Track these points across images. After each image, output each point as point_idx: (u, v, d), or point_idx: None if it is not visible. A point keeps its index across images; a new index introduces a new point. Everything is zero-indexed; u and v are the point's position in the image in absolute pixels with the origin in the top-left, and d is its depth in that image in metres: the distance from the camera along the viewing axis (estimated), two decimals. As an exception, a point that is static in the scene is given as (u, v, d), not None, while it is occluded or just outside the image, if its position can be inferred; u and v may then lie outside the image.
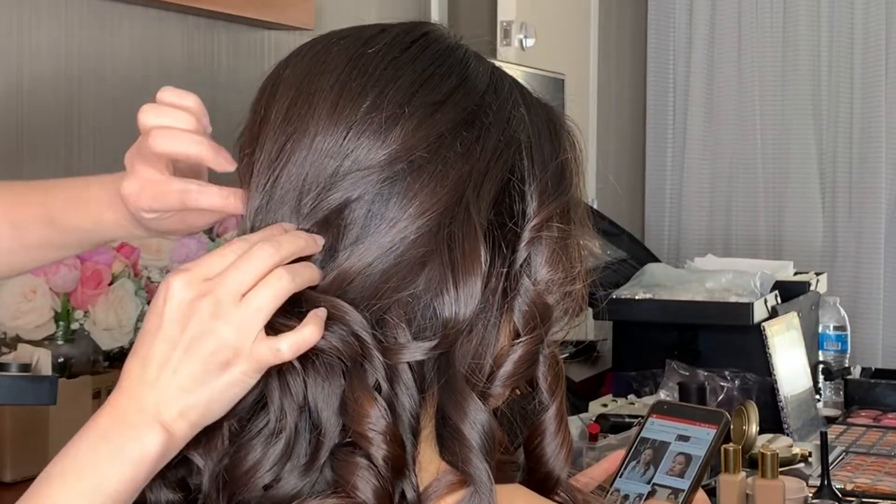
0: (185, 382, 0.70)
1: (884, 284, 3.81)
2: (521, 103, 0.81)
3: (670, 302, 2.43)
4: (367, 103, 0.75)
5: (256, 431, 0.73)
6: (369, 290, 0.74)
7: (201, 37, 2.22)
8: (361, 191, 0.75)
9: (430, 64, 0.78)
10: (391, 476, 0.72)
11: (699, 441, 1.04)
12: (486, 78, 0.80)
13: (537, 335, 0.78)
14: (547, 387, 0.80)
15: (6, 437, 1.59)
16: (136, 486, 0.71)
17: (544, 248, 0.79)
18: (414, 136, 0.75)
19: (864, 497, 1.85)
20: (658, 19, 4.07)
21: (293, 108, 0.77)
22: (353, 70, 0.77)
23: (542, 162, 0.80)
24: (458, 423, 0.74)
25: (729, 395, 2.28)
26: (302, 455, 0.73)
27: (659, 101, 4.08)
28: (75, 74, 1.95)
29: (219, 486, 0.74)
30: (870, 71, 3.80)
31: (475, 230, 0.75)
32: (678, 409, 1.09)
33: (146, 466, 0.70)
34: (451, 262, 0.75)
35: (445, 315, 0.75)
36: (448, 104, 0.77)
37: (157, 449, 0.70)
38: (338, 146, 0.75)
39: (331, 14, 2.49)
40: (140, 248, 1.86)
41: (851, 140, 3.85)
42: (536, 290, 0.78)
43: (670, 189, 4.08)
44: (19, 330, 1.65)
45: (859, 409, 2.47)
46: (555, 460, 0.80)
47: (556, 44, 3.17)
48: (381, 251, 0.74)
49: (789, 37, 3.92)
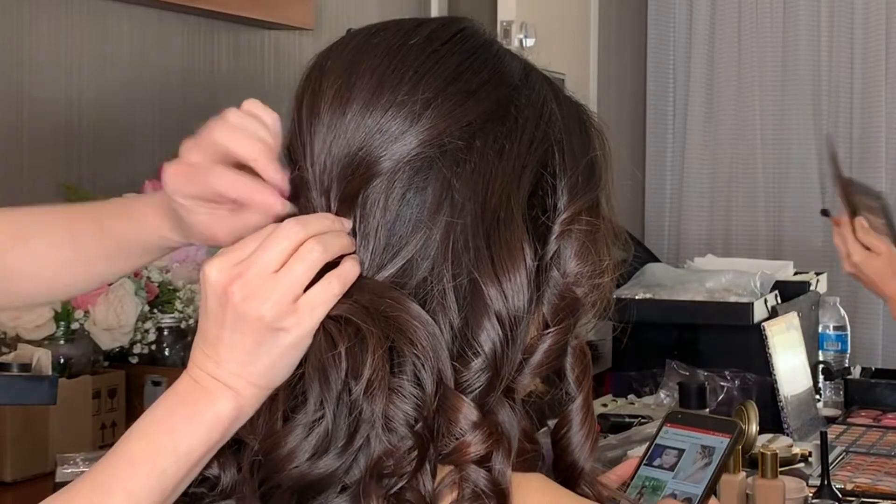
0: (243, 356, 0.74)
1: (884, 284, 3.80)
2: (553, 100, 0.83)
3: (670, 302, 2.43)
4: (404, 90, 0.77)
5: (297, 420, 0.75)
6: (407, 278, 0.76)
7: (201, 37, 2.22)
8: (391, 174, 0.77)
9: (466, 57, 0.80)
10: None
11: (713, 450, 1.04)
12: (519, 73, 0.82)
13: (566, 326, 0.80)
14: (574, 378, 0.82)
15: (6, 437, 1.59)
16: (210, 448, 0.74)
17: (574, 241, 0.80)
18: (444, 121, 0.77)
19: (864, 497, 1.85)
20: (658, 19, 4.07)
21: (337, 96, 0.79)
22: (393, 59, 0.79)
23: (573, 157, 0.82)
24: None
25: (729, 395, 2.28)
26: (340, 438, 0.75)
27: (659, 101, 4.08)
28: (75, 74, 1.95)
29: (254, 469, 0.76)
30: (870, 71, 3.80)
31: (516, 223, 0.77)
32: (692, 418, 1.10)
33: (220, 429, 0.74)
34: (492, 256, 0.76)
35: (496, 308, 0.76)
36: (480, 93, 0.79)
37: (229, 412, 0.74)
38: (373, 129, 0.77)
39: (331, 14, 2.49)
40: (140, 248, 1.86)
41: (851, 140, 3.85)
42: (566, 283, 0.80)
43: (670, 189, 4.08)
44: (19, 330, 1.65)
45: (859, 409, 2.47)
46: (580, 450, 0.82)
47: (556, 44, 3.17)
48: (418, 240, 0.76)
49: (789, 37, 3.92)
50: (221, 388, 0.74)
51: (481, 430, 0.75)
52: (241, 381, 0.74)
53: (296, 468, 0.75)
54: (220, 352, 0.74)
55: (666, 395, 2.32)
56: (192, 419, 0.74)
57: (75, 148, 1.95)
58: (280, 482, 0.75)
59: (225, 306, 0.73)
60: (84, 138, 1.97)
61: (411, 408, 0.74)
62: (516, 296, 0.76)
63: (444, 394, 0.75)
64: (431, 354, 0.74)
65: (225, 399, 0.74)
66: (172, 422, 0.74)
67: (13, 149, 1.85)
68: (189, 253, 1.96)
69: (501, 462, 0.75)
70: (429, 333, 0.75)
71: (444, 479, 0.76)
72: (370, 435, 0.74)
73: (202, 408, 0.74)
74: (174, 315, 1.86)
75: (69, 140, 1.95)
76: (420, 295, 0.76)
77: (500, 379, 0.76)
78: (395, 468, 0.74)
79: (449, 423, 0.75)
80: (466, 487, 0.75)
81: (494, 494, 0.75)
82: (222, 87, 2.24)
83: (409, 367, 0.74)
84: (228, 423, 0.74)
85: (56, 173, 1.89)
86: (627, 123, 3.99)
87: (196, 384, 0.74)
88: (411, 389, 0.74)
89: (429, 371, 0.74)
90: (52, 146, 1.92)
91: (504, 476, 0.75)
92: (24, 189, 1.84)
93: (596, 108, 0.88)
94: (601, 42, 3.60)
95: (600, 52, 3.59)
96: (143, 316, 1.81)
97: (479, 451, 0.75)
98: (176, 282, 1.89)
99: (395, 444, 0.73)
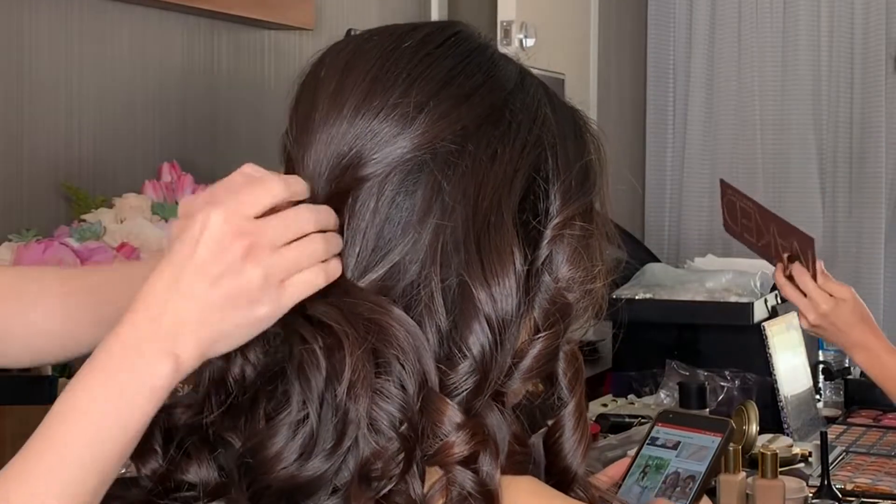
0: (206, 312, 0.72)
1: (884, 284, 3.80)
2: (548, 104, 0.83)
3: (670, 302, 2.43)
4: (396, 93, 0.78)
5: (281, 420, 0.75)
6: (393, 282, 0.76)
7: (201, 37, 2.22)
8: (383, 176, 0.77)
9: (460, 61, 0.80)
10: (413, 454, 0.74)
11: (705, 448, 1.04)
12: (514, 77, 0.82)
13: (556, 331, 0.80)
14: (566, 383, 0.82)
15: (6, 437, 1.59)
16: (148, 419, 0.73)
17: (566, 246, 0.80)
18: (437, 125, 0.77)
19: (864, 497, 1.85)
20: (658, 19, 4.07)
21: (330, 98, 0.79)
22: (386, 62, 0.79)
23: (567, 162, 0.82)
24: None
25: (729, 395, 2.28)
26: (328, 440, 0.74)
27: (659, 101, 4.08)
28: (75, 74, 1.95)
29: (241, 471, 0.76)
30: (870, 71, 3.80)
31: (506, 227, 0.77)
32: (683, 418, 1.10)
33: (157, 397, 0.72)
34: (482, 259, 0.76)
35: (486, 311, 0.76)
36: (475, 98, 0.79)
37: (166, 380, 0.72)
38: (365, 132, 0.77)
39: (331, 14, 2.48)
40: (140, 249, 1.86)
41: (851, 140, 3.84)
42: (557, 288, 0.80)
43: (670, 189, 4.08)
44: (19, 330, 1.65)
45: (859, 409, 2.47)
46: (573, 456, 0.82)
47: (556, 44, 3.17)
48: (406, 242, 0.76)
49: (789, 37, 3.92)
50: (160, 352, 0.71)
51: (465, 431, 0.74)
52: (187, 337, 0.72)
53: (283, 469, 0.74)
54: (184, 301, 0.72)
55: (666, 395, 2.32)
56: (125, 392, 0.71)
57: (75, 148, 1.95)
58: (269, 483, 0.75)
59: (219, 257, 0.72)
60: (84, 138, 1.97)
61: (395, 409, 0.73)
62: (505, 300, 0.76)
63: (427, 396, 0.75)
64: (413, 355, 0.74)
65: (163, 365, 0.71)
66: (105, 396, 0.71)
67: (13, 148, 1.85)
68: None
69: (489, 464, 0.75)
70: (409, 334, 0.74)
71: (434, 484, 0.75)
72: (358, 436, 0.74)
73: (140, 377, 0.71)
74: (174, 315, 1.85)
75: (69, 140, 1.95)
76: (406, 298, 0.76)
77: (489, 382, 0.76)
78: (383, 470, 0.73)
79: (433, 425, 0.74)
80: (453, 490, 0.74)
81: (482, 496, 0.74)
82: (222, 87, 2.24)
83: (392, 369, 0.74)
84: (163, 392, 0.72)
85: (56, 173, 1.89)
86: (627, 123, 3.99)
87: (132, 348, 0.72)
88: (394, 391, 0.74)
89: (410, 372, 0.74)
90: (52, 146, 1.92)
91: (492, 478, 0.75)
92: (25, 189, 1.84)
93: (596, 109, 0.89)
94: (601, 42, 3.60)
95: (600, 53, 3.59)
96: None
97: (464, 452, 0.74)
98: (176, 282, 1.89)
99: (382, 445, 0.73)
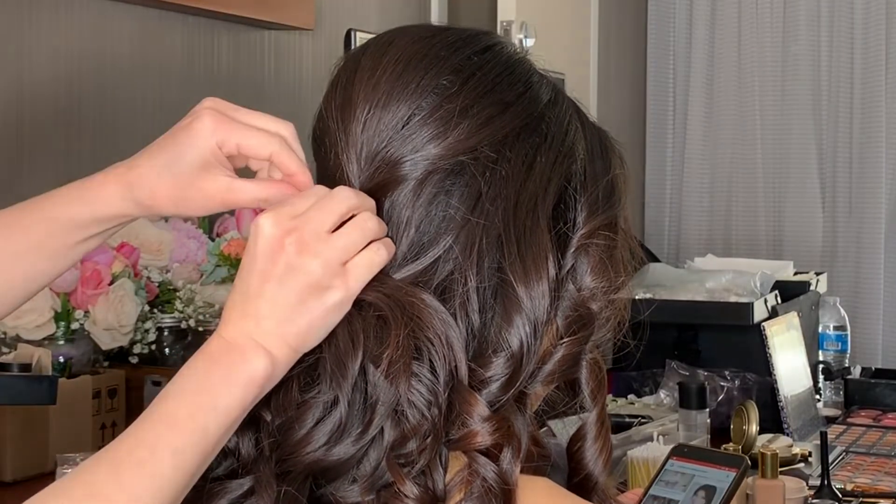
0: (283, 312, 0.75)
1: (884, 284, 3.80)
2: (577, 119, 0.86)
3: (670, 302, 2.43)
4: (441, 95, 0.79)
5: (311, 401, 0.77)
6: (426, 279, 0.78)
7: (201, 37, 2.22)
8: (424, 175, 0.78)
9: (503, 69, 0.83)
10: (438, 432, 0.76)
11: (720, 482, 1.05)
12: (548, 91, 0.85)
13: (579, 338, 0.82)
14: (590, 391, 0.83)
15: (6, 437, 1.59)
16: (246, 406, 0.75)
17: (591, 256, 0.83)
18: (481, 131, 0.79)
19: (864, 497, 1.85)
20: (658, 19, 4.07)
21: (374, 93, 0.80)
22: (433, 64, 0.81)
23: (594, 175, 0.85)
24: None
25: (729, 395, 2.28)
26: (356, 425, 0.76)
27: (659, 101, 4.08)
28: (75, 74, 1.95)
29: (272, 447, 0.77)
30: (870, 71, 3.80)
31: (542, 232, 0.80)
32: (698, 452, 1.11)
33: (255, 388, 0.74)
34: (523, 260, 0.78)
35: (526, 309, 0.78)
36: (516, 106, 0.81)
37: (263, 372, 0.74)
38: (411, 131, 0.79)
39: (331, 14, 2.48)
40: (140, 249, 1.86)
41: (851, 140, 3.84)
42: (581, 296, 0.82)
43: (670, 189, 4.08)
44: (19, 330, 1.65)
45: (859, 409, 2.47)
46: (594, 464, 0.84)
47: (556, 44, 3.17)
48: (444, 241, 0.78)
49: (789, 37, 3.92)
50: (256, 346, 0.74)
51: (490, 423, 0.76)
52: (276, 340, 0.75)
53: (311, 453, 0.76)
54: (260, 307, 0.75)
55: (666, 395, 2.32)
56: (229, 378, 0.74)
57: (75, 147, 1.96)
58: (294, 466, 0.77)
59: (276, 259, 0.75)
60: (84, 138, 1.97)
61: (428, 392, 0.75)
62: (541, 301, 0.79)
63: (457, 388, 0.76)
64: (445, 343, 0.76)
65: (259, 358, 0.74)
66: (210, 382, 0.74)
67: (14, 148, 1.85)
68: (189, 253, 1.96)
69: (510, 460, 0.76)
70: (444, 323, 0.77)
71: (455, 475, 0.77)
72: (384, 426, 0.76)
73: (237, 367, 0.74)
74: (174, 315, 1.86)
75: (69, 139, 1.95)
76: (441, 294, 0.78)
77: (520, 379, 0.78)
78: (409, 455, 0.75)
79: (462, 416, 0.76)
80: (475, 480, 0.76)
81: (501, 493, 0.76)
82: (222, 87, 2.24)
83: (426, 355, 0.76)
84: (262, 383, 0.75)
85: (56, 172, 1.89)
86: (627, 123, 3.99)
87: (229, 344, 0.75)
88: (429, 376, 0.76)
89: (442, 359, 0.76)
90: (52, 145, 1.92)
91: (512, 474, 0.76)
92: (25, 188, 1.84)
93: (596, 108, 0.91)
94: (601, 42, 3.60)
95: (600, 52, 3.59)
96: (143, 316, 1.81)
97: (487, 442, 0.76)
98: (176, 282, 1.89)
99: (413, 426, 0.75)
